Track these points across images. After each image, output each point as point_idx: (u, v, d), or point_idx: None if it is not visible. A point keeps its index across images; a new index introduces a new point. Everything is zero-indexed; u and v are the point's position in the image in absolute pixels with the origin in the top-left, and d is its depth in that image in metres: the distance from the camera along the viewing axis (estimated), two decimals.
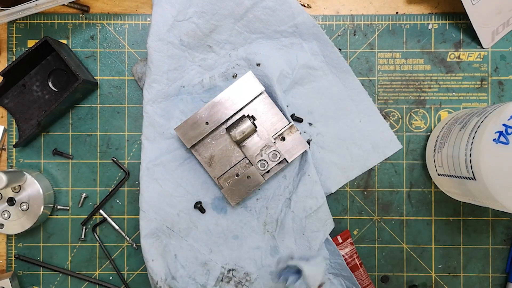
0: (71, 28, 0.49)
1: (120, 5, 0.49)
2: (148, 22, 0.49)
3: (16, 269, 0.49)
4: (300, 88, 0.48)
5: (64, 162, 0.49)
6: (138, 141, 0.49)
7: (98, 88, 0.49)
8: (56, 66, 0.48)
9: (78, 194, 0.49)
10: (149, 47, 0.45)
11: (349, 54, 0.49)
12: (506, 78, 0.49)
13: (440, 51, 0.49)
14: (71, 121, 0.49)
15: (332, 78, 0.48)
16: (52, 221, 0.49)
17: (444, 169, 0.43)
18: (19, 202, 0.46)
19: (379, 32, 0.49)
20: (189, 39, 0.46)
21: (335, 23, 0.49)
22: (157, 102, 0.46)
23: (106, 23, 0.49)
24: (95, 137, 0.49)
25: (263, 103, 0.45)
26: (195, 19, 0.45)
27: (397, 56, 0.49)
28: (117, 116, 0.49)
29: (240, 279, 0.47)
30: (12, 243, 0.49)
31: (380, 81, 0.49)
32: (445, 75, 0.49)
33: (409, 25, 0.49)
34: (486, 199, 0.37)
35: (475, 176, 0.36)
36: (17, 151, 0.49)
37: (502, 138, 0.35)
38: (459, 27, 0.49)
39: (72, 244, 0.49)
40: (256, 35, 0.47)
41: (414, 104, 0.49)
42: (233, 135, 0.43)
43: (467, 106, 0.49)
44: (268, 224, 0.47)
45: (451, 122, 0.44)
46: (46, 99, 0.48)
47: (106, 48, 0.49)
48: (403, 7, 0.49)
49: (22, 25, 0.49)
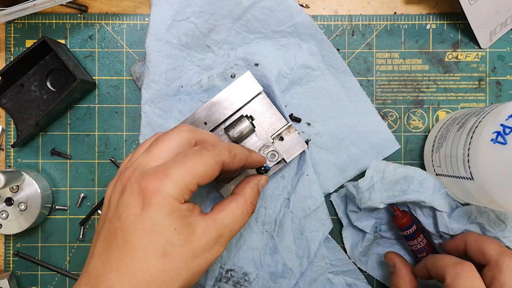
0: (69, 28, 0.49)
1: (119, 5, 0.49)
2: (146, 22, 0.49)
3: (14, 269, 0.49)
4: (298, 88, 0.48)
5: (62, 162, 0.49)
6: (136, 141, 0.49)
7: (96, 88, 0.49)
8: (54, 66, 0.48)
9: (76, 194, 0.49)
10: (148, 47, 0.45)
11: (347, 54, 0.49)
12: (504, 78, 0.49)
13: (438, 51, 0.49)
14: (69, 121, 0.49)
15: (330, 78, 0.48)
16: (50, 221, 0.49)
17: (442, 169, 0.43)
18: (17, 202, 0.46)
19: (377, 32, 0.49)
20: (188, 39, 0.46)
21: (333, 23, 0.49)
22: (156, 102, 0.46)
23: (105, 23, 0.49)
24: (93, 137, 0.49)
25: (262, 103, 0.45)
26: (193, 19, 0.45)
27: (395, 56, 0.49)
28: (115, 116, 0.49)
29: (239, 279, 0.47)
30: (10, 243, 0.49)
31: (378, 81, 0.49)
32: (443, 75, 0.49)
33: (407, 25, 0.49)
34: (484, 199, 0.37)
35: (473, 176, 0.36)
36: (15, 151, 0.49)
37: (500, 138, 0.35)
38: (457, 27, 0.49)
39: (71, 244, 0.49)
40: (255, 35, 0.47)
41: (412, 104, 0.49)
42: (231, 135, 0.43)
43: (465, 106, 0.49)
44: (266, 224, 0.47)
45: (449, 122, 0.44)
46: (44, 99, 0.48)
47: (104, 48, 0.49)
48: (401, 7, 0.49)
49: (20, 25, 0.49)
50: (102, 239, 0.31)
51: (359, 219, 0.47)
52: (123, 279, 0.29)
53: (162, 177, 0.30)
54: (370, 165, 0.44)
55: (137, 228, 0.30)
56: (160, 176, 0.30)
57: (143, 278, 0.30)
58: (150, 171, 0.31)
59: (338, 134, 0.48)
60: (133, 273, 0.29)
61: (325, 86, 0.48)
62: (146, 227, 0.30)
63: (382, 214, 0.48)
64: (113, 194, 0.32)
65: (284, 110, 0.46)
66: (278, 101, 0.45)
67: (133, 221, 0.30)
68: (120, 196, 0.32)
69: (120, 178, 0.33)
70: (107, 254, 0.30)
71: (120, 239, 0.30)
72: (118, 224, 0.30)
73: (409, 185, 0.44)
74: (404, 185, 0.44)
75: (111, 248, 0.30)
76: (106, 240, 0.31)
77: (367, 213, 0.47)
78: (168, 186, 0.30)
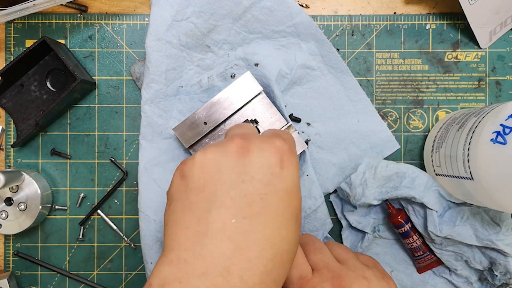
0: (69, 28, 0.49)
1: (118, 5, 0.49)
2: (146, 22, 0.49)
3: (14, 269, 0.49)
4: (298, 88, 0.48)
5: (62, 162, 0.49)
6: (136, 141, 0.49)
7: (96, 88, 0.49)
8: (54, 66, 0.48)
9: (76, 194, 0.49)
10: (148, 47, 0.45)
11: (347, 54, 0.49)
12: (503, 78, 0.49)
13: (438, 51, 0.49)
14: (69, 121, 0.49)
15: (330, 78, 0.48)
16: (50, 221, 0.49)
17: (442, 169, 0.43)
18: (17, 202, 0.46)
19: (377, 32, 0.49)
20: (188, 39, 0.46)
21: (333, 23, 0.49)
22: (155, 102, 0.46)
23: (104, 23, 0.49)
24: (93, 137, 0.49)
25: (262, 103, 0.45)
26: (193, 19, 0.45)
27: (395, 56, 0.49)
28: (115, 116, 0.49)
29: None
30: (10, 243, 0.49)
31: (378, 81, 0.49)
32: (443, 75, 0.49)
33: (407, 25, 0.49)
34: (483, 199, 0.37)
35: (473, 176, 0.36)
36: (15, 151, 0.49)
37: (499, 138, 0.35)
38: (456, 27, 0.49)
39: (70, 244, 0.49)
40: (255, 35, 0.47)
41: (412, 104, 0.49)
42: None
43: (464, 106, 0.49)
44: None
45: (448, 122, 0.44)
46: (44, 99, 0.48)
47: (104, 48, 0.49)
48: (401, 7, 0.49)
49: (20, 25, 0.49)
50: (221, 212, 0.26)
51: (358, 220, 0.47)
52: (266, 253, 0.25)
53: (287, 139, 0.30)
54: (363, 161, 0.45)
55: (277, 188, 0.26)
56: (284, 138, 0.29)
57: (284, 248, 0.26)
58: (270, 134, 0.30)
59: (338, 134, 0.48)
60: (276, 243, 0.25)
61: (325, 86, 0.48)
62: (287, 186, 0.27)
63: (380, 214, 0.48)
64: (221, 158, 0.27)
65: (284, 110, 0.46)
66: (278, 101, 0.45)
67: (272, 180, 0.26)
68: (241, 157, 0.27)
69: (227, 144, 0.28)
70: (237, 227, 0.25)
71: (256, 205, 0.26)
72: (250, 187, 0.26)
73: (401, 181, 0.44)
74: (396, 182, 0.44)
75: (243, 218, 0.25)
76: (230, 211, 0.26)
77: (364, 213, 0.47)
78: (294, 146, 0.30)
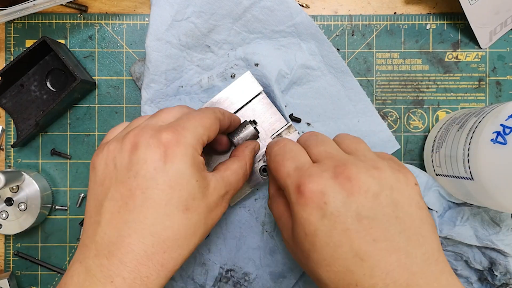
0: (69, 28, 0.49)
1: (118, 5, 0.49)
2: (146, 22, 0.49)
3: (14, 269, 0.49)
4: (298, 88, 0.48)
5: (62, 162, 0.49)
6: None
7: (96, 88, 0.49)
8: (54, 66, 0.48)
9: (76, 194, 0.49)
10: (148, 47, 0.45)
11: (347, 54, 0.49)
12: (504, 78, 0.49)
13: (438, 51, 0.49)
14: (69, 121, 0.49)
15: (330, 78, 0.48)
16: (50, 221, 0.49)
17: (442, 169, 0.43)
18: (17, 202, 0.46)
19: (377, 32, 0.49)
20: (188, 39, 0.46)
21: (333, 23, 0.49)
22: (155, 102, 0.46)
23: (104, 23, 0.49)
24: (93, 137, 0.49)
25: (262, 103, 0.45)
26: (193, 19, 0.45)
27: (395, 56, 0.49)
28: (115, 116, 0.49)
29: (239, 279, 0.47)
30: (10, 243, 0.49)
31: (378, 81, 0.49)
32: (443, 75, 0.49)
33: (407, 25, 0.49)
34: (484, 199, 0.37)
35: (473, 176, 0.36)
36: (15, 151, 0.49)
37: (499, 138, 0.35)
38: (457, 27, 0.49)
39: (70, 244, 0.49)
40: (255, 35, 0.47)
41: (412, 104, 0.49)
42: (235, 142, 0.43)
43: (465, 106, 0.49)
44: (266, 224, 0.47)
45: (449, 122, 0.44)
46: (44, 99, 0.48)
47: (104, 48, 0.49)
48: (401, 7, 0.49)
49: (20, 25, 0.49)
50: (110, 204, 0.29)
51: None
52: (145, 240, 0.28)
53: (180, 129, 0.31)
54: None
55: (159, 182, 0.29)
56: (178, 129, 0.31)
57: (166, 235, 0.29)
58: (165, 126, 0.31)
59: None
60: (156, 232, 0.28)
61: (325, 86, 0.48)
62: (170, 180, 0.29)
63: None
64: (118, 155, 0.30)
65: (284, 110, 0.46)
66: (278, 101, 0.46)
67: (155, 175, 0.29)
68: (131, 154, 0.30)
69: (124, 140, 0.31)
70: (121, 217, 0.29)
71: (138, 199, 0.29)
72: (134, 183, 0.29)
73: None
74: None
75: (126, 210, 0.29)
76: (118, 204, 0.29)
77: None
78: (188, 137, 0.31)
